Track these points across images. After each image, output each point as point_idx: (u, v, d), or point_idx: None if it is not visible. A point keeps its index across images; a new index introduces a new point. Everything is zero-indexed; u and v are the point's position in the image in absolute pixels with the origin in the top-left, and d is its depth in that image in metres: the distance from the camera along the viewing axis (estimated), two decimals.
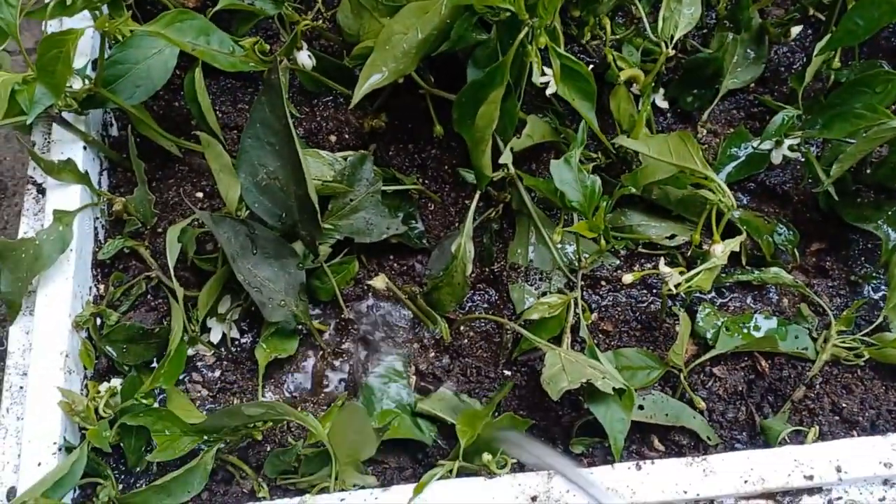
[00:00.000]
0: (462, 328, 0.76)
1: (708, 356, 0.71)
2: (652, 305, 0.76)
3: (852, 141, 0.70)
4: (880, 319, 0.72)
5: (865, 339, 0.72)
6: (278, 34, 0.85)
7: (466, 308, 0.76)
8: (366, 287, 0.76)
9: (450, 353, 0.75)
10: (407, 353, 0.74)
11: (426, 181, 0.81)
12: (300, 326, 0.73)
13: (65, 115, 0.70)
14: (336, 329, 0.76)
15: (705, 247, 0.72)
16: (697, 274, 0.68)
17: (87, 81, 0.68)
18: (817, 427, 0.68)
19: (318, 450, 0.63)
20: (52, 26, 0.74)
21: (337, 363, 0.74)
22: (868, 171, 0.76)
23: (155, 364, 0.70)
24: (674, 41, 0.71)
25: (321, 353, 0.74)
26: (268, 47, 0.76)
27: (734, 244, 0.69)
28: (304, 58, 0.77)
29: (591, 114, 0.61)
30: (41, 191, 0.72)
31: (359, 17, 0.79)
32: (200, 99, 0.75)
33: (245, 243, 0.68)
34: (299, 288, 0.71)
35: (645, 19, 0.70)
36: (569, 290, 0.75)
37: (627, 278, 0.70)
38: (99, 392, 0.66)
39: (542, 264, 0.77)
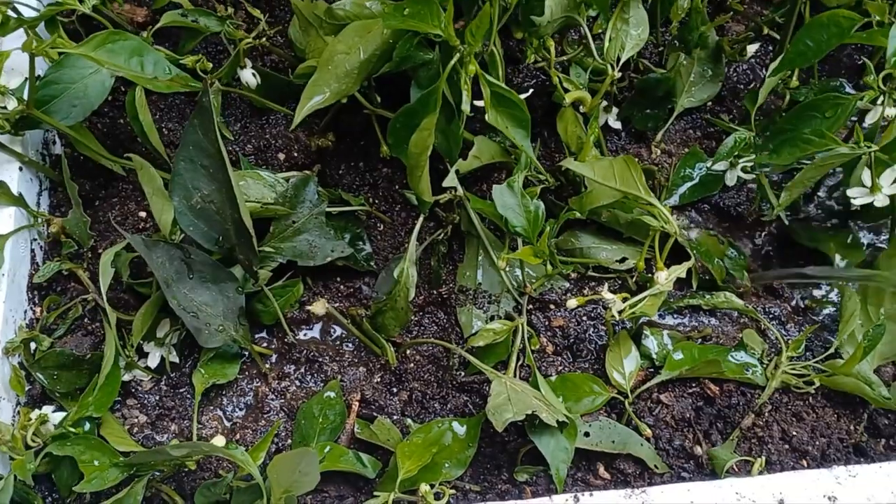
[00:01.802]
0: (409, 352, 0.74)
1: (654, 381, 0.70)
2: (601, 329, 0.74)
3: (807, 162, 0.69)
4: (833, 349, 0.70)
5: (817, 365, 0.70)
6: (226, 50, 0.84)
7: (414, 332, 0.75)
8: (307, 310, 0.74)
9: (396, 377, 0.73)
10: (352, 377, 0.73)
11: (377, 200, 0.80)
12: (242, 350, 0.72)
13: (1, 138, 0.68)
14: (279, 353, 0.74)
15: (653, 271, 0.71)
16: (642, 300, 0.66)
17: (21, 103, 0.67)
18: (764, 458, 0.67)
19: (250, 483, 0.61)
20: None
21: (279, 387, 0.73)
22: (821, 194, 0.75)
23: (85, 389, 0.68)
24: (620, 62, 0.69)
25: (263, 377, 0.73)
26: (210, 65, 0.75)
27: (680, 271, 0.67)
28: (249, 76, 0.76)
29: (525, 142, 0.60)
30: None
31: (306, 34, 0.77)
32: (142, 117, 0.73)
33: (180, 268, 0.67)
34: (238, 312, 0.70)
35: (591, 41, 0.69)
36: (517, 313, 0.74)
37: (572, 303, 0.69)
38: (30, 420, 0.64)
39: (490, 287, 0.75)
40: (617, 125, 0.80)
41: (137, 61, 0.63)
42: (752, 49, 0.80)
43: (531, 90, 0.65)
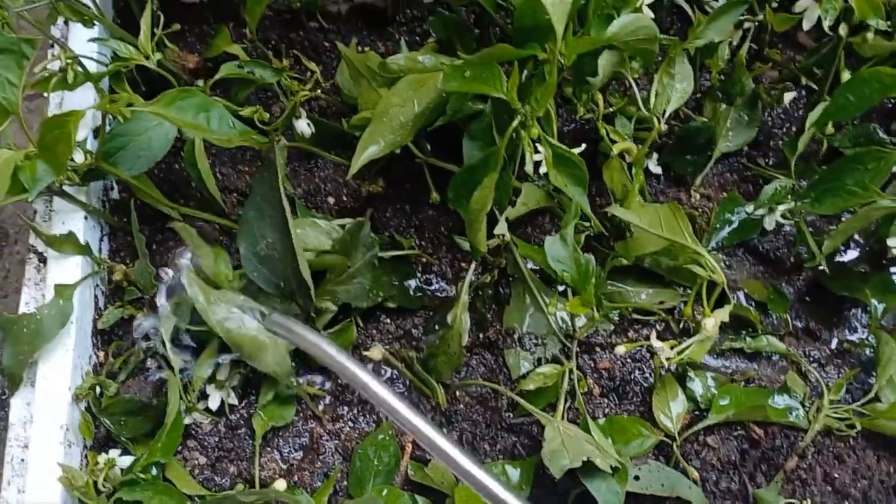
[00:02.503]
0: (458, 393, 0.76)
1: (701, 426, 0.72)
2: (646, 371, 0.76)
3: None
4: (873, 393, 0.72)
5: (858, 409, 0.72)
6: (277, 96, 0.86)
7: (462, 373, 0.77)
8: (363, 354, 0.76)
9: (446, 418, 0.75)
10: None
11: (423, 242, 0.82)
12: (297, 393, 0.74)
13: (66, 187, 0.71)
14: (333, 395, 0.76)
15: (696, 315, 0.73)
16: (689, 347, 0.68)
17: (88, 156, 0.69)
18: (809, 499, 0.69)
19: None
20: (53, 98, 0.75)
21: (334, 429, 0.75)
22: (857, 240, 0.78)
23: (150, 433, 0.70)
24: (666, 115, 0.72)
25: (318, 419, 0.75)
26: (267, 116, 0.77)
27: (723, 315, 0.70)
28: (303, 126, 0.78)
29: (582, 198, 0.62)
30: (42, 260, 0.72)
31: (357, 85, 0.80)
32: (200, 165, 0.76)
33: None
34: (292, 357, 0.72)
35: (637, 95, 0.71)
36: (564, 355, 0.76)
37: (621, 350, 0.71)
38: (98, 464, 0.66)
39: (537, 329, 0.77)
40: (657, 170, 0.83)
41: (204, 117, 0.66)
42: (788, 97, 0.82)
43: (584, 145, 0.67)
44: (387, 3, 0.89)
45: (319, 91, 0.80)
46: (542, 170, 0.65)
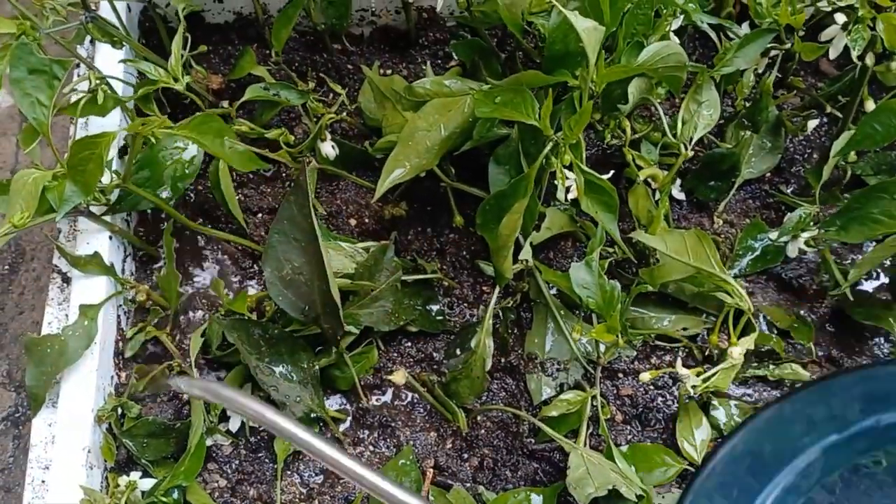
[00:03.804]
0: (479, 418, 0.76)
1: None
2: (669, 398, 0.76)
3: None
4: None
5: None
6: (299, 117, 0.86)
7: (483, 397, 0.77)
8: (385, 378, 0.76)
9: (467, 443, 0.75)
10: (423, 443, 0.74)
11: (444, 266, 0.82)
12: (317, 417, 0.73)
13: (92, 207, 0.71)
14: (354, 418, 0.76)
15: (720, 342, 0.73)
16: (714, 375, 0.68)
17: (115, 176, 0.69)
18: None
19: None
20: (81, 121, 0.75)
21: (354, 452, 0.74)
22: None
23: (171, 456, 0.70)
24: (692, 142, 0.72)
25: (338, 442, 0.74)
26: (293, 138, 0.78)
27: (749, 342, 0.69)
28: (328, 148, 0.79)
29: (612, 225, 0.62)
30: (66, 280, 0.72)
31: (381, 107, 0.80)
32: (224, 187, 0.76)
33: (258, 344, 0.69)
34: (314, 382, 0.72)
35: (665, 121, 0.71)
36: (586, 380, 0.76)
37: (645, 377, 0.71)
38: (119, 486, 0.66)
39: (559, 354, 0.77)
40: (680, 196, 0.82)
41: (219, 142, 0.66)
42: (812, 125, 0.82)
43: (612, 171, 0.67)
44: (409, 26, 0.90)
45: (345, 114, 0.80)
46: (570, 195, 0.65)
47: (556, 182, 0.61)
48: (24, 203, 0.61)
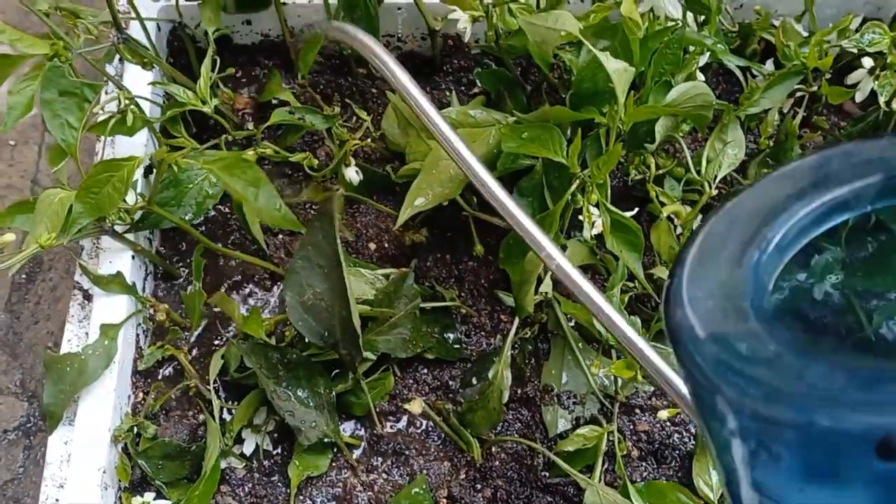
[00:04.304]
0: (493, 449, 0.76)
1: None
2: (685, 435, 0.76)
3: None
4: None
5: None
6: (322, 140, 0.87)
7: (498, 428, 0.76)
8: (400, 405, 0.76)
9: (481, 474, 0.75)
10: (437, 472, 0.74)
11: (462, 294, 0.82)
12: (333, 442, 0.73)
13: (117, 226, 0.71)
14: (368, 444, 0.76)
15: None
16: None
17: (141, 197, 0.69)
18: None
19: None
20: (108, 140, 0.76)
21: (367, 480, 0.74)
22: None
23: (186, 478, 0.70)
24: (717, 180, 0.72)
25: (352, 469, 0.74)
26: (316, 162, 0.78)
27: None
28: (352, 174, 0.79)
29: (637, 264, 0.62)
30: (87, 297, 0.73)
31: (405, 134, 0.80)
32: (246, 210, 0.76)
33: (276, 368, 0.69)
34: (330, 407, 0.72)
35: (689, 158, 0.71)
36: (602, 415, 0.75)
37: (663, 414, 0.70)
38: None
39: (576, 388, 0.77)
40: None
41: (253, 193, 0.66)
42: None
43: (637, 209, 0.67)
44: (435, 53, 0.90)
45: (369, 140, 0.80)
46: (594, 231, 0.65)
47: (580, 218, 0.61)
48: (49, 223, 0.62)
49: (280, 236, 0.83)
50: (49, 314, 1.00)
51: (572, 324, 0.78)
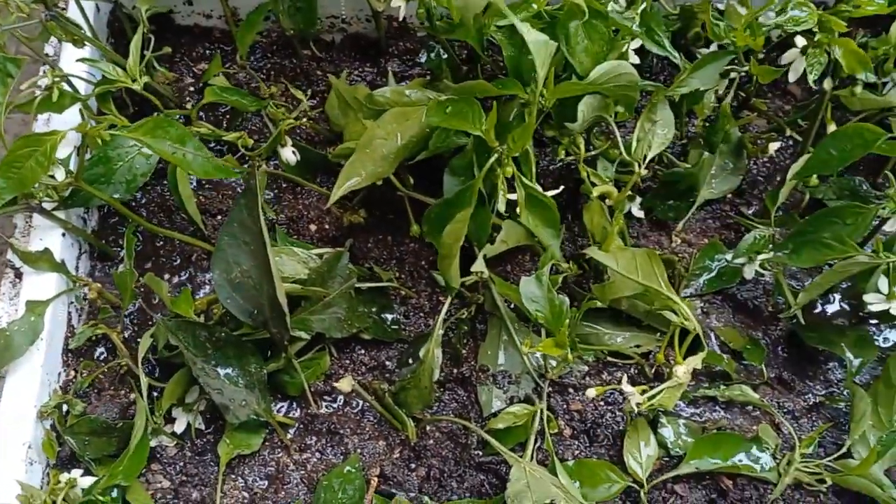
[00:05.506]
0: (428, 428, 0.76)
1: (672, 474, 0.72)
2: (619, 414, 0.76)
3: None
4: (845, 448, 0.72)
5: (829, 464, 0.72)
6: (266, 122, 0.86)
7: (434, 408, 0.77)
8: (334, 384, 0.76)
9: (415, 453, 0.75)
10: (371, 451, 0.74)
11: (403, 275, 0.82)
12: (266, 421, 0.73)
13: (45, 204, 0.71)
14: (303, 423, 0.76)
15: (669, 361, 0.73)
16: (660, 393, 0.68)
17: (69, 174, 0.69)
18: None
19: None
20: (41, 115, 0.75)
21: (300, 459, 0.74)
22: (835, 294, 0.77)
23: (114, 455, 0.70)
24: (647, 160, 0.72)
25: (285, 448, 0.74)
26: (251, 142, 0.78)
27: (696, 362, 0.69)
28: (289, 154, 0.79)
29: (553, 241, 0.62)
30: (18, 275, 0.72)
31: (345, 115, 0.80)
32: (181, 189, 0.76)
33: (204, 346, 0.69)
34: (261, 386, 0.72)
35: (618, 137, 0.71)
36: (536, 394, 0.75)
37: (591, 393, 0.70)
38: (59, 483, 0.66)
39: (511, 368, 0.77)
40: (640, 214, 0.83)
41: (180, 150, 0.66)
42: (773, 147, 0.82)
43: (562, 186, 0.67)
44: (380, 35, 0.90)
45: (306, 119, 0.80)
46: (507, 204, 0.65)
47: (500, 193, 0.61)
48: None
49: (219, 217, 0.83)
50: None
51: (511, 307, 0.79)
